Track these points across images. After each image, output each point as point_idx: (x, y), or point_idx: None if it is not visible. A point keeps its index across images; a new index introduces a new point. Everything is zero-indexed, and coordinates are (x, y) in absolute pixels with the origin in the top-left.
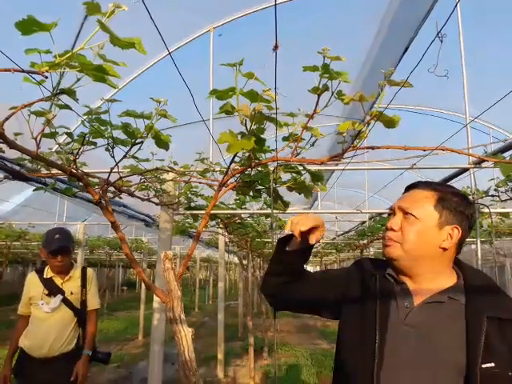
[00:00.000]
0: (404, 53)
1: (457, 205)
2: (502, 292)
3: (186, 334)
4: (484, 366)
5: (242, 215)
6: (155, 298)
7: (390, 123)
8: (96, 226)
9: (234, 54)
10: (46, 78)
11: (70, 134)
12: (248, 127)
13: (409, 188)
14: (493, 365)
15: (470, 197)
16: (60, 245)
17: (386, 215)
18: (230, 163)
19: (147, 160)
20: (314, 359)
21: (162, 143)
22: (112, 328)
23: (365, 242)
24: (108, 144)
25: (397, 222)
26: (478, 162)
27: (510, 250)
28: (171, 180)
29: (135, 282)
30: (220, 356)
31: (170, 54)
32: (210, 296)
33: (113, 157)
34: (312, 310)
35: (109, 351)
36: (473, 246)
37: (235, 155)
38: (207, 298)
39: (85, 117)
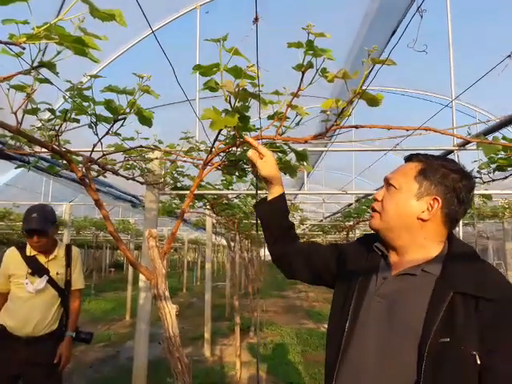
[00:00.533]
0: (392, 35)
1: (442, 176)
2: (485, 267)
3: (170, 310)
4: (441, 340)
5: (229, 196)
6: (141, 277)
7: (372, 101)
8: (82, 207)
9: (222, 31)
10: (24, 48)
11: (52, 110)
12: (232, 104)
13: (404, 161)
14: (447, 340)
15: None
16: (34, 227)
17: (371, 197)
18: (214, 141)
19: (132, 139)
20: (299, 338)
21: (145, 120)
22: (99, 308)
23: (351, 223)
24: (91, 121)
25: (380, 193)
26: (463, 144)
27: (493, 233)
28: (156, 158)
29: (123, 264)
30: (207, 335)
31: (153, 32)
32: (197, 277)
33: (96, 134)
34: (316, 278)
35: (91, 331)
36: (456, 229)
37: (219, 133)
38: (195, 279)
39: (67, 93)
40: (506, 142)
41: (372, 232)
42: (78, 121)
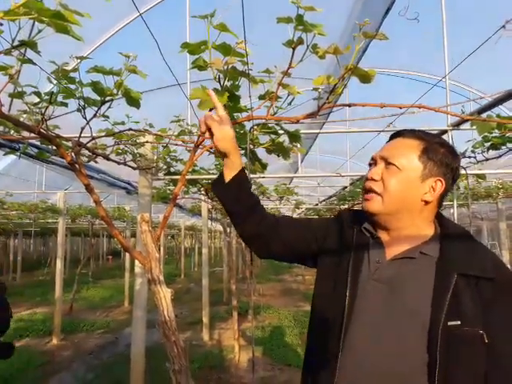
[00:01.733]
0: (385, 15)
1: (442, 156)
2: (481, 248)
3: (164, 294)
4: (450, 323)
5: None
6: (137, 263)
7: (365, 77)
8: (77, 196)
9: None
10: (1, 24)
11: (38, 94)
12: (221, 83)
13: (393, 136)
14: (458, 323)
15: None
16: None
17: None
18: None
19: (122, 123)
20: (296, 320)
21: (133, 101)
22: (97, 296)
23: (345, 206)
24: (79, 105)
25: (378, 172)
26: (457, 124)
27: (487, 214)
28: (146, 142)
29: (120, 252)
30: (205, 320)
31: (140, 15)
32: (195, 263)
33: (85, 118)
34: (293, 257)
35: (10, 342)
36: (450, 210)
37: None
38: (192, 265)
39: (53, 75)
40: (499, 119)
41: (347, 209)
42: (65, 105)
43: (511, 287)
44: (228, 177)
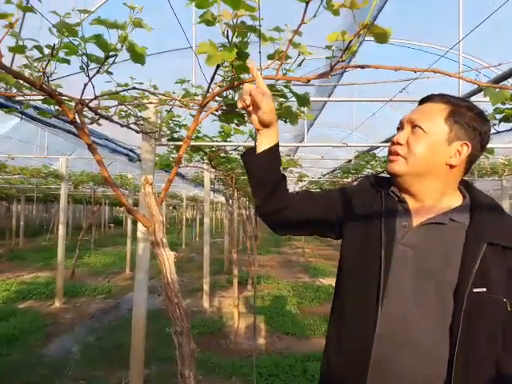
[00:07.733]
0: None
1: (470, 120)
2: (508, 217)
3: (168, 257)
4: (475, 290)
5: (227, 148)
6: (139, 227)
7: (381, 37)
8: (80, 162)
9: None
10: None
11: (39, 48)
12: (229, 39)
13: (422, 101)
14: (484, 290)
15: None
16: None
17: (394, 139)
18: (211, 80)
19: (126, 85)
20: (295, 291)
21: (138, 56)
22: (99, 262)
23: (349, 180)
24: (82, 62)
25: (404, 136)
26: (469, 95)
27: (489, 192)
28: (150, 103)
29: (122, 220)
30: (206, 288)
31: None
32: (196, 233)
33: (88, 76)
34: (314, 230)
35: None
36: None
37: (216, 71)
38: (194, 235)
39: (55, 28)
40: None
41: (372, 174)
42: (68, 61)
43: None
44: (263, 147)
